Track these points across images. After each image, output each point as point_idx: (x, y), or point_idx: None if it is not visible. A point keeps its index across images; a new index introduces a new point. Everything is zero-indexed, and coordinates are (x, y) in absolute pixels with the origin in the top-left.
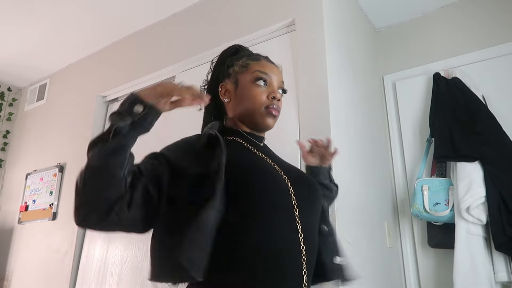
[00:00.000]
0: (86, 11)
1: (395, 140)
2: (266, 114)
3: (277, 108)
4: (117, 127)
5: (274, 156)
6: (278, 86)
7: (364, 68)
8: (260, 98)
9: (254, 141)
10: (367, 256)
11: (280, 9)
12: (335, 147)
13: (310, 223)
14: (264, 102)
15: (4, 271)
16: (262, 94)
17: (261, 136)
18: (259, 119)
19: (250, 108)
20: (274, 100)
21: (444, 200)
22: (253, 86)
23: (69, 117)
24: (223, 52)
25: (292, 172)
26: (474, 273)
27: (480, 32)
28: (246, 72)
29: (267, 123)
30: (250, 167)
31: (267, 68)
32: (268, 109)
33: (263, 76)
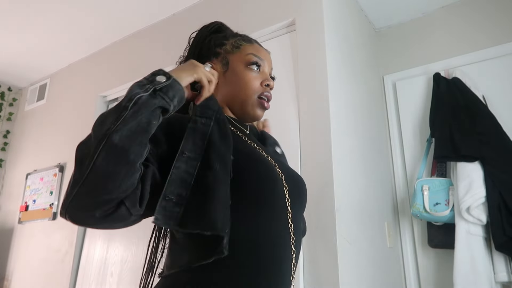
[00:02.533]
0: (86, 11)
1: (395, 140)
2: (258, 104)
3: (269, 98)
4: (137, 96)
5: (261, 145)
6: (269, 72)
7: (364, 68)
8: (254, 84)
9: (241, 128)
10: (367, 256)
11: (280, 9)
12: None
13: (299, 221)
14: (257, 90)
15: (4, 271)
16: (255, 80)
17: (246, 124)
18: (249, 109)
19: (241, 94)
20: (267, 88)
21: (444, 200)
22: (247, 69)
23: (69, 117)
24: (204, 27)
25: (283, 165)
26: (474, 273)
27: (480, 32)
28: (238, 53)
29: (257, 115)
30: (247, 152)
31: (261, 52)
32: (260, 99)
33: (257, 61)
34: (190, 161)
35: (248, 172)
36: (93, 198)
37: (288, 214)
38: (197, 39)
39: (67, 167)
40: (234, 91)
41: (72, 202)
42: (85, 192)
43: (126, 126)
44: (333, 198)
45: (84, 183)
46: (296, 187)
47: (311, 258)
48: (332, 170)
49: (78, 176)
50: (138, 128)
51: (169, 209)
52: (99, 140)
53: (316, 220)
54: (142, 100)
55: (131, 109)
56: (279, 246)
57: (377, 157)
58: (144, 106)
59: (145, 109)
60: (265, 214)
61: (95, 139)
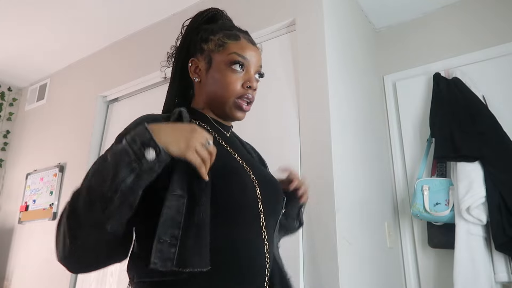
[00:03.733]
0: (86, 11)
1: (395, 140)
2: (236, 106)
3: (250, 100)
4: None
5: (240, 148)
6: (256, 70)
7: (364, 68)
8: (234, 86)
9: (221, 131)
10: (367, 256)
11: (280, 9)
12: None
13: (272, 228)
14: (237, 92)
15: (4, 271)
16: (236, 81)
17: (228, 125)
18: (227, 110)
19: (220, 95)
20: (249, 90)
21: (444, 200)
22: (228, 70)
23: (69, 117)
24: (197, 15)
25: (258, 171)
26: (474, 273)
27: (481, 32)
28: (222, 52)
29: (236, 116)
30: (221, 166)
31: (246, 50)
32: (239, 101)
33: (240, 60)
34: (180, 199)
35: (222, 186)
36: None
37: (262, 221)
38: (188, 30)
39: (67, 167)
40: (215, 91)
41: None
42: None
43: (115, 215)
44: (333, 198)
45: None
46: (271, 194)
47: (311, 258)
48: (332, 170)
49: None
50: (126, 209)
51: (165, 251)
52: (89, 227)
53: (316, 220)
54: (127, 186)
55: (118, 199)
56: (252, 252)
57: (377, 157)
58: (130, 192)
59: (131, 194)
60: (238, 224)
61: (84, 223)
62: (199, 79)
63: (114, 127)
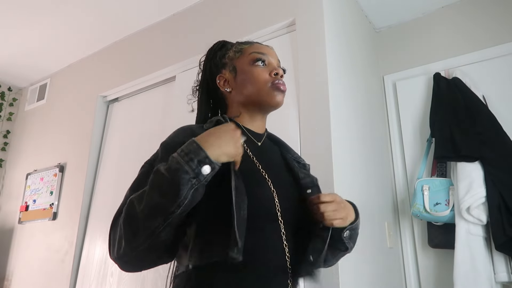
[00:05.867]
0: (86, 11)
1: (395, 140)
2: (274, 89)
3: (283, 83)
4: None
5: (269, 159)
6: (277, 64)
7: (364, 68)
8: (263, 76)
9: (252, 139)
10: (367, 256)
11: (280, 9)
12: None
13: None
14: (268, 80)
15: (5, 271)
16: (263, 72)
17: (260, 133)
18: (267, 99)
19: (255, 90)
20: (278, 76)
21: (444, 200)
22: (253, 67)
23: (70, 117)
24: (210, 49)
25: (282, 184)
26: (474, 273)
27: (481, 32)
28: (242, 56)
29: (277, 100)
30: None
31: (262, 49)
32: (274, 85)
33: (261, 56)
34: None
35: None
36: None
37: (282, 230)
38: (205, 61)
39: (67, 167)
40: (248, 91)
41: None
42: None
43: (174, 224)
44: None
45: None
46: (288, 203)
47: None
48: (332, 170)
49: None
50: (183, 216)
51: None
52: (147, 234)
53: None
54: (188, 200)
55: (181, 211)
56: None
57: (377, 157)
58: (190, 204)
59: (191, 205)
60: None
61: (143, 231)
62: (230, 89)
63: (114, 127)
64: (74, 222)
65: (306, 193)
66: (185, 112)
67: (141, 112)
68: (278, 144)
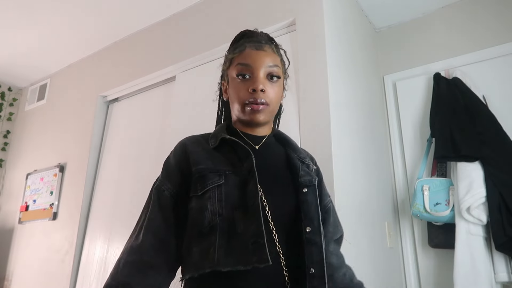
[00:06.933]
0: (86, 11)
1: (395, 140)
2: (248, 111)
3: (259, 102)
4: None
5: (265, 163)
6: (267, 72)
7: (364, 68)
8: (241, 93)
9: (250, 144)
10: (367, 256)
11: (281, 9)
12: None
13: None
14: (244, 98)
15: (5, 271)
16: (242, 89)
17: (259, 135)
18: (244, 117)
19: (235, 106)
20: (255, 94)
21: (444, 200)
22: (236, 81)
23: (70, 117)
24: (229, 48)
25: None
26: (474, 273)
27: (481, 32)
28: (231, 67)
29: (253, 120)
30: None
31: (250, 58)
32: (249, 106)
33: (243, 70)
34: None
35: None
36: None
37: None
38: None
39: (67, 167)
40: (232, 104)
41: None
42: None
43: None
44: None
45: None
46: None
47: None
48: (332, 170)
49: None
50: None
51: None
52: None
53: None
54: None
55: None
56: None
57: (377, 157)
58: None
59: None
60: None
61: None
62: (226, 98)
63: (114, 127)
64: (74, 222)
65: (302, 192)
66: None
67: (141, 112)
68: (285, 143)
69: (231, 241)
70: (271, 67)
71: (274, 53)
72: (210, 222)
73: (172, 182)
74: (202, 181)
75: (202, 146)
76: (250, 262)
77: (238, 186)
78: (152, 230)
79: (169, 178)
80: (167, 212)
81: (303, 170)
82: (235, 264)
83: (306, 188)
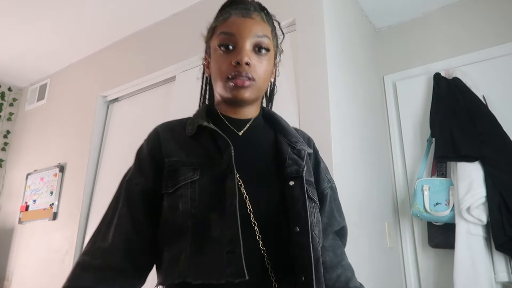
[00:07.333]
0: (86, 12)
1: (395, 140)
2: (231, 87)
3: (243, 76)
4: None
5: (247, 153)
6: (254, 43)
7: (364, 68)
8: (222, 67)
9: (232, 129)
10: (367, 256)
11: (281, 9)
12: None
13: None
14: (226, 72)
15: (5, 271)
16: (224, 62)
17: (243, 119)
18: (225, 94)
19: (217, 82)
20: (239, 67)
21: (444, 200)
22: (218, 53)
23: (70, 117)
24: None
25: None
26: (474, 273)
27: (481, 32)
28: (213, 37)
29: (236, 97)
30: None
31: (234, 26)
32: (231, 81)
33: (226, 40)
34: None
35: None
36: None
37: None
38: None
39: (67, 167)
40: (214, 80)
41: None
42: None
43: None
44: None
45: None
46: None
47: None
48: (332, 170)
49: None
50: None
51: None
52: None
53: None
54: None
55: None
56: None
57: (378, 157)
58: None
59: None
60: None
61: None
62: (209, 74)
63: (114, 127)
64: (74, 222)
65: (289, 186)
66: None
67: (141, 112)
68: (276, 125)
69: (206, 247)
70: (260, 37)
71: (264, 22)
72: (182, 224)
73: (145, 175)
74: (173, 177)
75: (177, 134)
76: (224, 275)
77: (215, 182)
78: (121, 230)
79: (141, 171)
80: (138, 210)
81: (290, 158)
82: (207, 276)
83: (292, 180)
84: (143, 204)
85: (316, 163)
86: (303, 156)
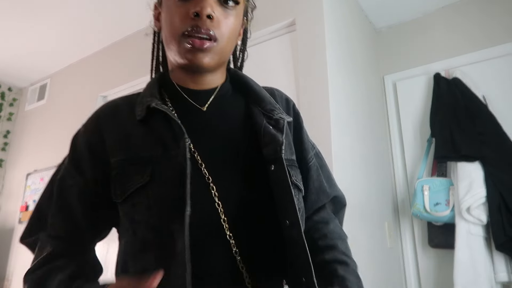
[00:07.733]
0: (86, 12)
1: (395, 140)
2: (187, 49)
3: (203, 34)
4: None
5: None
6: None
7: (364, 69)
8: (175, 20)
9: (193, 105)
10: (368, 256)
11: (281, 9)
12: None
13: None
14: (180, 27)
15: (5, 271)
16: (179, 13)
17: (207, 90)
18: (180, 59)
19: (168, 41)
20: (198, 20)
21: (444, 200)
22: (173, 3)
23: (70, 117)
24: None
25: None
26: (474, 273)
27: (481, 33)
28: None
29: (193, 62)
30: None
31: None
32: (187, 39)
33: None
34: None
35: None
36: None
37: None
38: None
39: None
40: (164, 38)
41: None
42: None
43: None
44: None
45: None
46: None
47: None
48: (332, 170)
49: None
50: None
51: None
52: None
53: None
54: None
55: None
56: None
57: (377, 157)
58: None
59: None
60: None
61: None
62: (158, 29)
63: None
64: None
65: (271, 171)
66: None
67: None
68: (246, 90)
69: (171, 266)
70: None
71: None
72: (144, 237)
73: (81, 172)
74: (120, 183)
75: (123, 119)
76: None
77: (174, 179)
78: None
79: (77, 166)
80: (77, 216)
81: (266, 135)
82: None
83: (273, 164)
84: (85, 207)
85: (298, 129)
86: (281, 126)
